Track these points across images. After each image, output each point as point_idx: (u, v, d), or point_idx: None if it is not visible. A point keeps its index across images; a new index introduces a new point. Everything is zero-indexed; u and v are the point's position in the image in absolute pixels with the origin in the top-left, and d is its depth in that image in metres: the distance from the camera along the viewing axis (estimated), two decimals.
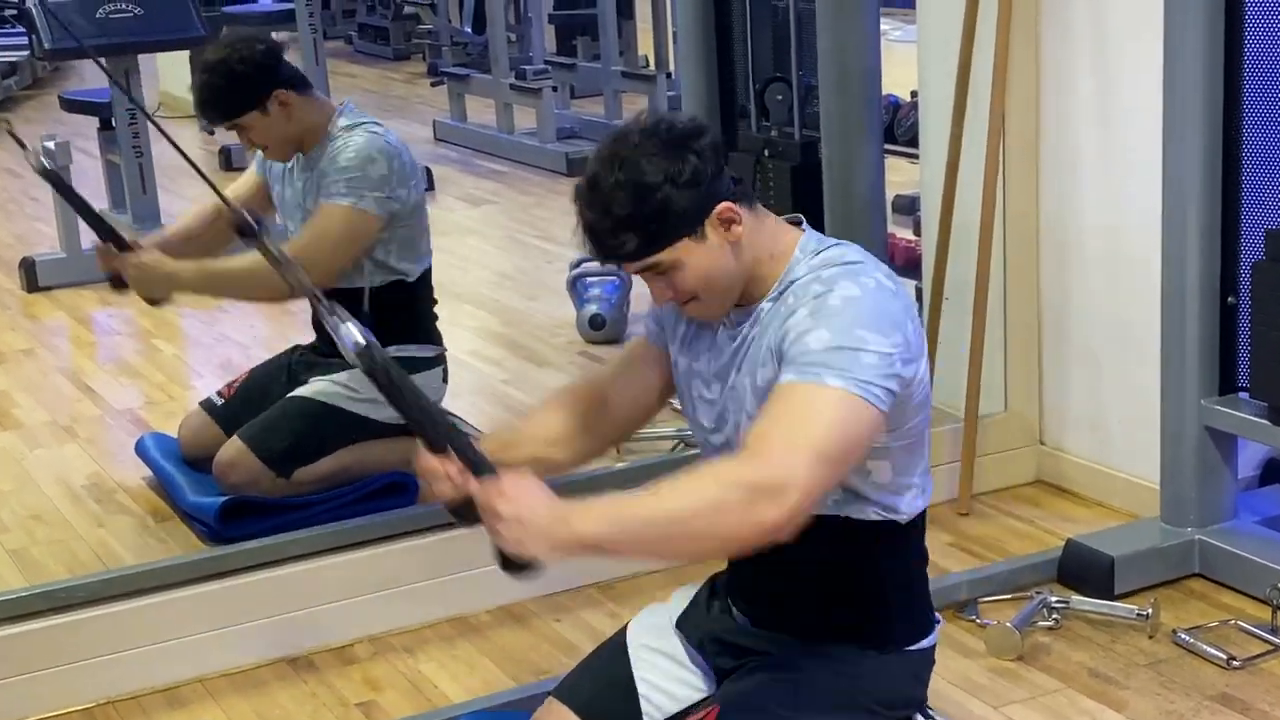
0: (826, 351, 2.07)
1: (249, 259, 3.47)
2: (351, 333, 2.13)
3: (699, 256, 2.17)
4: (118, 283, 3.61)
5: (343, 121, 3.61)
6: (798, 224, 2.27)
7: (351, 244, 3.53)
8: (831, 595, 2.32)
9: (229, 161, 7.73)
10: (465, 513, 2.17)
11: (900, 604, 2.34)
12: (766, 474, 2.01)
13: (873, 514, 2.25)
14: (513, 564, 2.13)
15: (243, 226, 2.59)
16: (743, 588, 2.42)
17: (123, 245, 3.54)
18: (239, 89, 3.52)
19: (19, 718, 2.89)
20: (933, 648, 2.40)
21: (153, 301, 3.76)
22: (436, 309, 3.80)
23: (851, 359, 2.07)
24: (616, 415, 2.41)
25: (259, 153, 3.76)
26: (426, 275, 3.73)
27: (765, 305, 2.22)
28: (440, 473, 2.14)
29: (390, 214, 3.54)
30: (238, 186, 3.86)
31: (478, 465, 2.14)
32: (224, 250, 3.74)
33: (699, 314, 2.27)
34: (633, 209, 2.13)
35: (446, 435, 2.17)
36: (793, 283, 2.19)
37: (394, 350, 3.65)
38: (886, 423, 2.13)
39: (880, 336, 2.09)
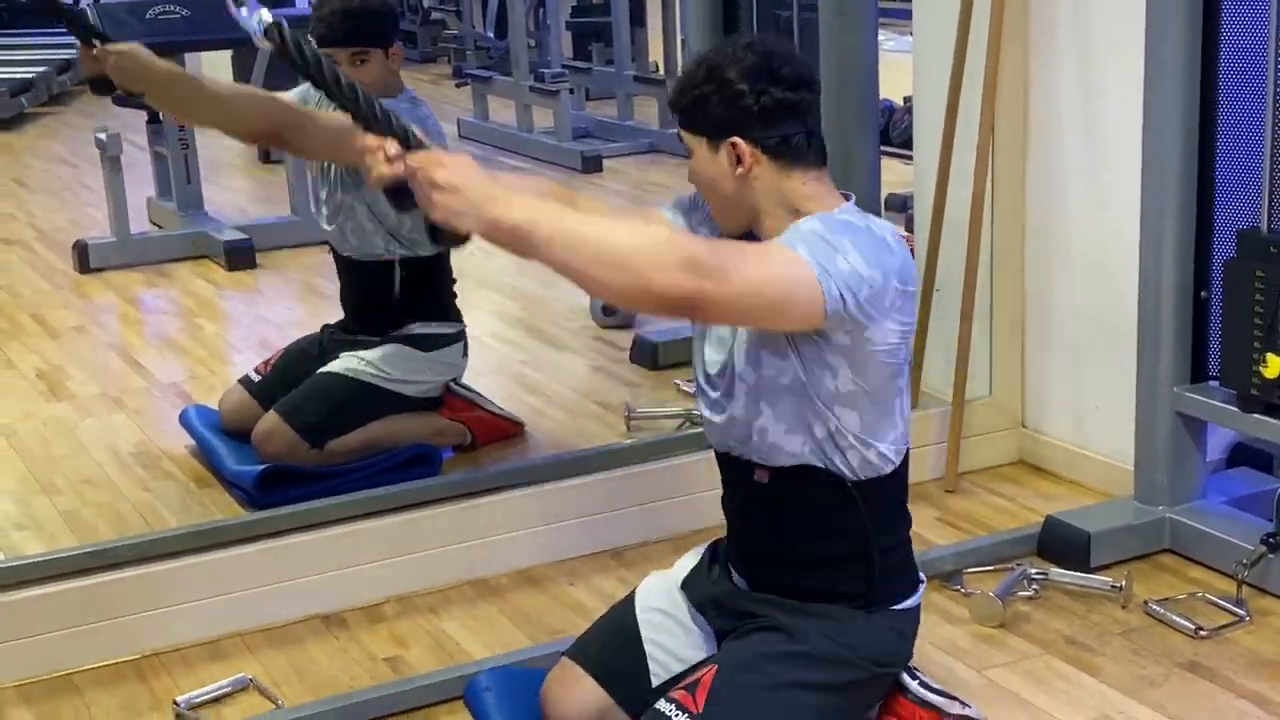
0: (812, 234, 2.13)
1: (222, 84, 3.45)
2: (260, 13, 2.03)
3: (705, 162, 2.26)
4: (99, 86, 3.33)
5: (408, 95, 3.64)
6: (849, 197, 2.31)
7: None
8: (822, 558, 2.33)
9: (268, 154, 7.72)
10: (403, 195, 2.09)
11: (885, 566, 2.35)
12: (706, 258, 2.04)
13: (855, 468, 2.27)
14: (441, 235, 2.06)
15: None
16: (742, 552, 2.43)
17: (105, 39, 3.28)
18: (380, 22, 3.59)
19: (71, 667, 2.89)
20: (917, 607, 2.41)
21: (129, 94, 3.54)
22: (461, 295, 3.80)
23: (828, 252, 2.11)
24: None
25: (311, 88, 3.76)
26: (443, 258, 3.72)
27: None
28: (377, 147, 2.09)
29: None
30: (282, 95, 3.63)
31: (413, 142, 2.09)
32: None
33: (711, 211, 2.33)
34: (696, 84, 2.23)
35: (377, 112, 2.10)
36: None
37: (419, 327, 3.69)
38: (833, 338, 2.16)
39: (862, 261, 2.12)
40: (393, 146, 2.08)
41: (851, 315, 2.12)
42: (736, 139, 2.21)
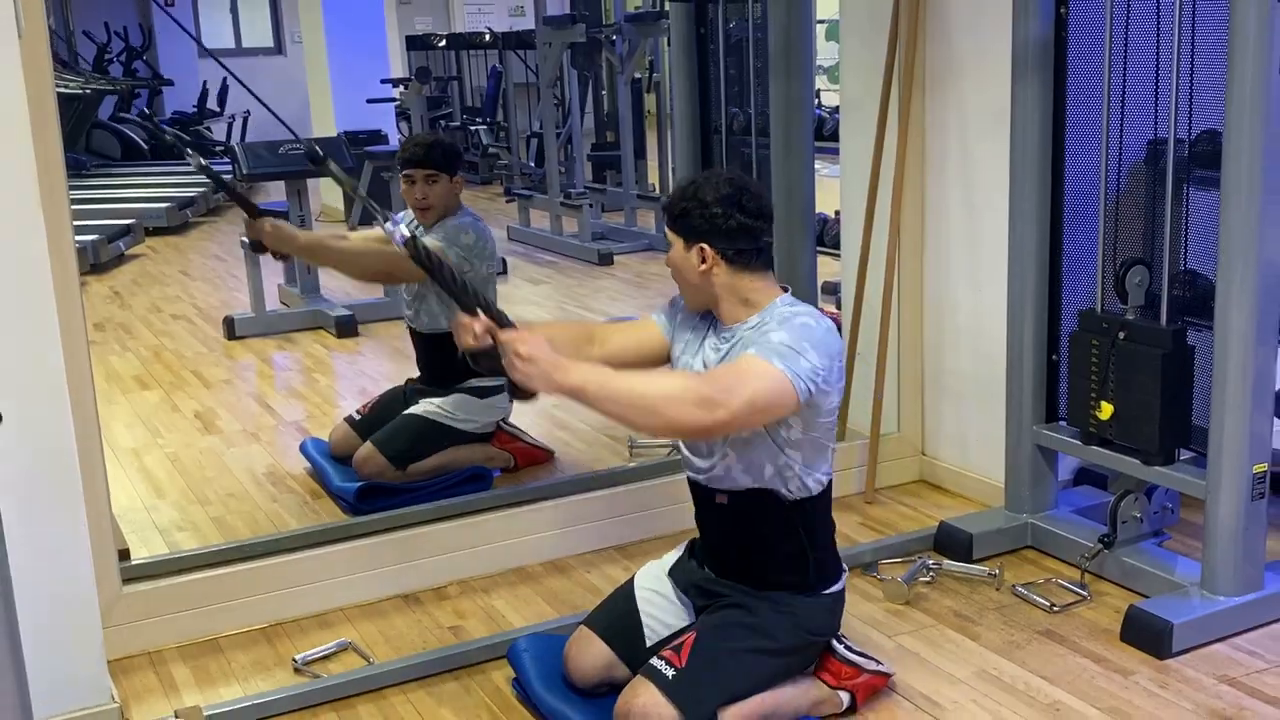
0: (781, 345, 2.14)
1: (350, 244, 3.54)
2: (400, 229, 2.18)
3: (679, 254, 2.28)
4: (257, 247, 3.40)
5: (469, 213, 3.65)
6: (785, 289, 2.32)
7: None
8: (770, 555, 2.33)
9: None
10: (482, 359, 2.14)
11: (817, 560, 2.35)
12: (713, 393, 2.07)
13: (794, 491, 2.27)
14: (519, 392, 2.10)
15: (311, 154, 2.39)
16: (709, 551, 2.44)
17: (260, 214, 3.35)
18: (449, 156, 3.60)
19: (217, 633, 2.90)
20: (843, 590, 2.41)
21: (280, 256, 3.61)
22: None
23: (795, 357, 2.13)
24: (598, 354, 2.36)
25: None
26: None
27: (745, 329, 2.26)
28: (469, 326, 2.15)
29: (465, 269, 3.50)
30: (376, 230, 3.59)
31: (503, 321, 2.15)
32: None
33: (680, 292, 2.34)
34: (684, 199, 2.25)
35: (477, 300, 2.17)
36: (769, 319, 2.24)
37: (476, 381, 3.68)
38: (800, 412, 2.17)
39: (817, 355, 2.15)
40: (479, 326, 2.13)
41: (814, 396, 2.16)
42: (704, 245, 2.23)
